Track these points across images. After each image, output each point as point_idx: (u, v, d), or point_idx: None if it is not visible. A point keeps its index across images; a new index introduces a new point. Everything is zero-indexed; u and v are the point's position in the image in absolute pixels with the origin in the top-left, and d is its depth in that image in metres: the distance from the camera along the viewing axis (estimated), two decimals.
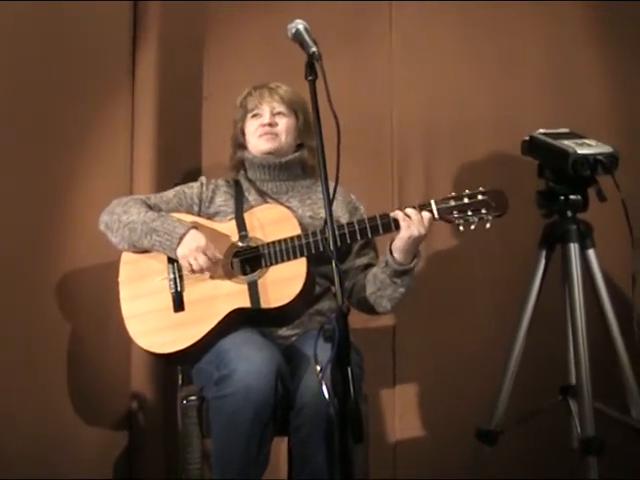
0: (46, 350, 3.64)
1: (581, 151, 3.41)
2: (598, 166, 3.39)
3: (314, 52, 2.80)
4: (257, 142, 3.48)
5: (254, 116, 3.50)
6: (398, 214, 3.21)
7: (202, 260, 3.22)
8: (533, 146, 3.58)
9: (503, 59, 4.21)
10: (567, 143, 3.46)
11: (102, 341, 3.76)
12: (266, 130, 3.46)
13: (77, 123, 3.77)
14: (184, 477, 3.30)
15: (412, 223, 3.19)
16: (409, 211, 3.21)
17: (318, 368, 2.73)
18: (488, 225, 3.25)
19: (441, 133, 4.18)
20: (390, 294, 3.33)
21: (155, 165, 3.88)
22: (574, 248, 3.50)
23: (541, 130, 3.59)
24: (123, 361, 3.81)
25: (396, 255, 3.25)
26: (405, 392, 4.17)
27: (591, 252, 3.52)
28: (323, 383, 2.72)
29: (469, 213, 3.24)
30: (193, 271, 3.25)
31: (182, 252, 3.24)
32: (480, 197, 3.25)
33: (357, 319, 3.31)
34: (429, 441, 4.14)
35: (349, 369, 2.63)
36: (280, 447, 3.31)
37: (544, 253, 3.59)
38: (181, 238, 3.24)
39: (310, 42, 2.83)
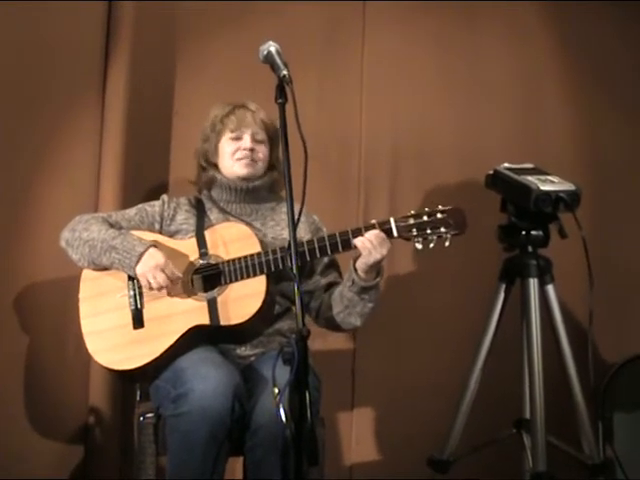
0: (2, 363, 3.64)
1: (544, 187, 3.44)
2: (560, 203, 3.43)
3: (285, 75, 2.82)
4: (233, 164, 3.47)
5: (234, 138, 3.48)
6: (357, 241, 3.22)
7: (160, 278, 3.23)
8: (497, 180, 3.61)
9: (472, 88, 4.26)
10: (530, 179, 3.50)
11: (61, 355, 3.75)
12: (246, 154, 3.45)
13: (44, 134, 3.77)
14: None
15: (372, 249, 3.21)
16: (369, 236, 3.22)
17: (276, 390, 2.74)
18: (447, 243, 3.26)
19: (408, 158, 4.23)
20: (360, 310, 3.35)
21: (122, 180, 3.86)
22: (533, 283, 3.53)
23: (505, 165, 3.62)
24: (81, 375, 3.80)
25: (361, 273, 3.27)
26: (363, 416, 4.19)
27: (550, 287, 3.56)
28: (280, 405, 2.72)
29: (428, 231, 3.26)
30: (152, 289, 3.25)
31: (141, 270, 3.24)
32: (439, 215, 3.27)
33: (317, 342, 3.34)
34: (385, 465, 4.15)
35: (307, 392, 2.64)
36: (235, 466, 3.31)
37: (503, 287, 3.62)
38: (140, 256, 3.24)
39: (281, 65, 2.85)
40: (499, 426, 3.72)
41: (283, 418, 2.73)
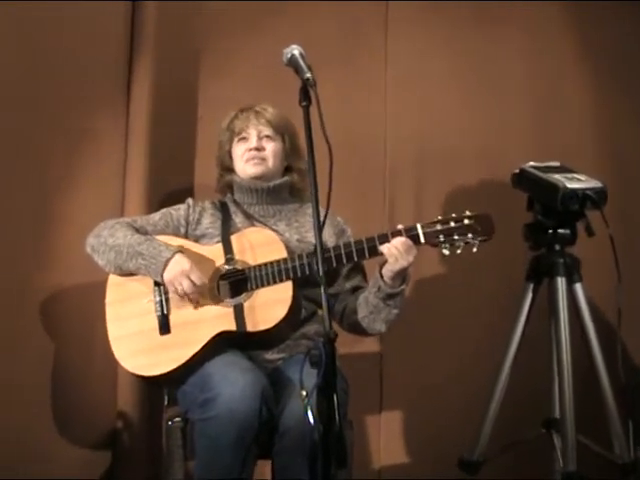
0: (31, 369, 3.64)
1: (570, 185, 3.43)
2: (587, 201, 3.42)
3: (309, 78, 2.81)
4: (244, 166, 3.47)
5: (241, 139, 3.49)
6: (384, 248, 3.22)
7: (186, 285, 3.22)
8: (523, 179, 3.60)
9: (492, 90, 4.27)
10: (557, 177, 3.49)
11: (88, 360, 3.76)
12: (253, 154, 3.46)
13: (70, 141, 3.78)
14: None
15: (399, 256, 3.20)
16: (395, 243, 3.21)
17: (304, 393, 2.73)
18: (475, 249, 3.25)
19: (433, 159, 4.22)
20: (385, 316, 3.33)
21: (148, 185, 3.88)
22: (561, 282, 3.52)
23: (531, 163, 3.61)
24: (109, 380, 3.80)
25: (387, 280, 3.26)
26: (391, 419, 4.19)
27: (578, 286, 3.55)
28: (308, 408, 2.71)
29: (455, 237, 3.25)
30: (179, 295, 3.25)
31: (167, 276, 3.24)
32: (467, 221, 3.26)
33: (344, 345, 3.32)
34: (413, 468, 4.14)
35: (334, 395, 2.62)
36: (264, 470, 3.29)
37: (531, 286, 3.61)
38: (166, 262, 3.24)
39: (305, 68, 2.84)
40: (528, 426, 3.72)
41: (311, 421, 2.71)
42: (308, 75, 2.82)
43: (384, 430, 4.18)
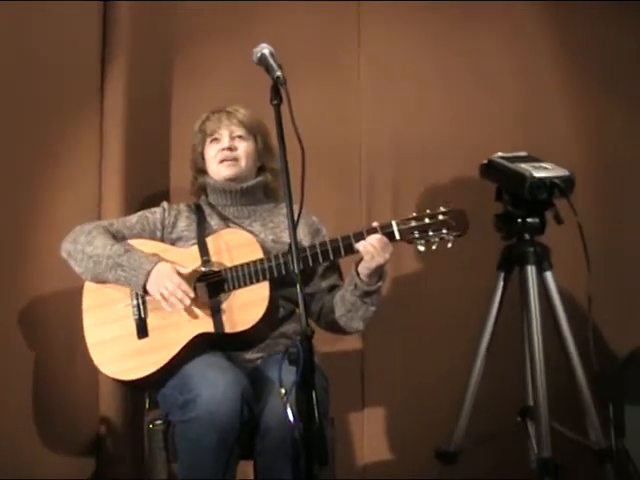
0: (11, 377, 3.63)
1: (537, 174, 3.46)
2: (554, 189, 3.45)
3: (279, 76, 2.83)
4: (217, 168, 3.49)
5: (213, 140, 3.51)
6: (360, 246, 3.24)
7: (170, 286, 3.23)
8: (491, 169, 3.63)
9: (471, 83, 4.28)
10: (524, 167, 3.51)
11: (69, 366, 3.75)
12: (225, 155, 3.47)
13: (44, 143, 3.77)
14: None
15: (375, 253, 3.22)
16: (371, 240, 3.23)
17: (283, 391, 2.76)
18: (449, 245, 3.28)
19: (409, 156, 4.24)
20: (362, 314, 3.35)
21: (124, 189, 3.88)
22: (531, 270, 3.55)
23: (499, 154, 3.64)
24: (91, 386, 3.80)
25: (363, 278, 3.28)
26: (374, 415, 4.21)
27: (548, 274, 3.58)
28: (288, 406, 2.74)
29: (430, 233, 3.28)
30: (165, 299, 3.24)
31: (151, 286, 3.25)
32: (441, 217, 3.29)
33: (325, 344, 3.35)
34: (398, 465, 4.17)
35: (314, 392, 2.65)
36: (246, 470, 3.30)
37: (502, 275, 3.64)
38: (148, 274, 3.25)
39: (275, 66, 2.86)
40: (505, 415, 3.74)
41: (291, 419, 2.74)
42: (278, 73, 2.84)
43: (367, 428, 4.20)
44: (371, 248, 3.23)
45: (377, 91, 4.24)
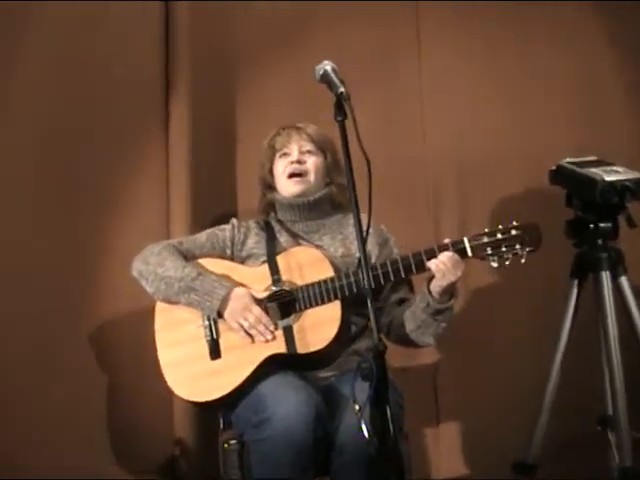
0: (86, 400, 3.68)
1: (608, 178, 3.41)
2: (626, 193, 3.39)
3: (342, 92, 2.81)
4: (286, 183, 3.49)
5: (282, 155, 3.50)
6: (431, 264, 3.21)
7: (252, 319, 3.23)
8: (560, 175, 3.58)
9: (531, 90, 4.24)
10: (594, 171, 3.46)
11: (143, 388, 3.77)
12: (294, 168, 3.47)
13: (111, 175, 3.83)
14: None
15: (447, 271, 3.19)
16: (442, 258, 3.20)
17: (357, 407, 2.74)
18: (523, 260, 3.24)
19: (475, 169, 4.20)
20: (433, 330, 3.32)
21: (191, 211, 3.90)
22: (606, 276, 3.49)
23: (568, 159, 3.59)
24: (165, 408, 3.81)
25: (435, 296, 3.25)
26: (449, 430, 4.16)
27: (623, 279, 3.52)
28: (362, 422, 2.72)
29: (503, 249, 3.24)
30: (245, 331, 3.25)
31: (230, 315, 3.25)
32: (514, 232, 3.25)
33: (397, 359, 3.31)
34: (475, 478, 4.10)
35: (387, 407, 2.63)
36: None
37: (576, 282, 3.58)
38: (224, 300, 3.25)
39: (338, 82, 2.85)
40: (583, 425, 3.68)
41: (366, 434, 2.72)
42: (341, 89, 2.82)
43: (442, 443, 4.16)
44: (442, 266, 3.20)
45: (439, 103, 4.21)
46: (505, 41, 4.24)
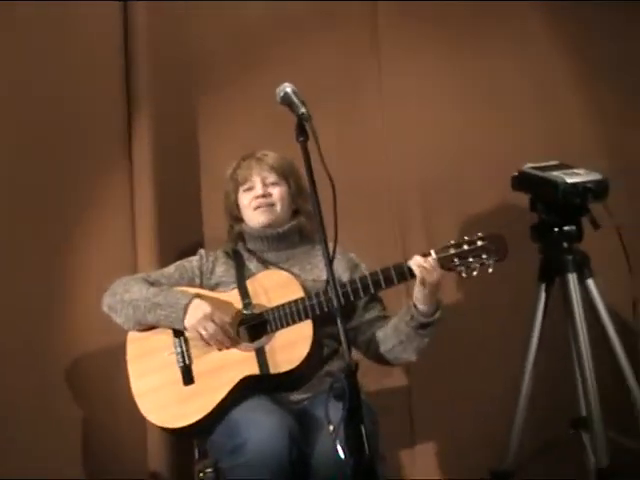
0: (59, 438, 3.65)
1: (570, 180, 3.43)
2: (588, 194, 3.41)
3: (303, 113, 2.82)
4: (253, 215, 3.47)
5: (247, 190, 3.49)
6: (412, 263, 3.22)
7: (211, 327, 3.23)
8: (523, 180, 3.59)
9: (492, 102, 4.23)
10: (555, 174, 3.48)
11: (115, 423, 3.74)
12: (260, 202, 3.45)
13: (75, 202, 3.80)
14: None
15: (426, 270, 3.19)
16: (418, 259, 3.22)
17: (331, 428, 2.73)
18: (490, 270, 3.24)
19: (437, 181, 4.18)
20: (417, 345, 3.32)
21: (158, 239, 3.87)
22: (572, 278, 3.51)
23: (529, 164, 3.60)
24: (139, 441, 3.78)
25: (420, 307, 3.25)
26: (424, 453, 4.13)
27: (590, 281, 3.53)
28: (337, 442, 2.71)
29: (470, 259, 3.24)
30: (204, 340, 3.25)
31: (189, 322, 3.25)
32: (480, 243, 3.25)
33: (370, 382, 3.30)
34: None
35: (362, 426, 2.62)
36: None
37: (543, 287, 3.59)
38: (185, 308, 3.25)
39: (299, 103, 2.85)
40: (557, 429, 3.67)
41: (342, 455, 2.71)
42: (302, 110, 2.83)
43: (419, 465, 4.12)
44: (422, 265, 3.20)
45: (400, 120, 4.19)
46: (466, 59, 4.23)
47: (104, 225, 3.87)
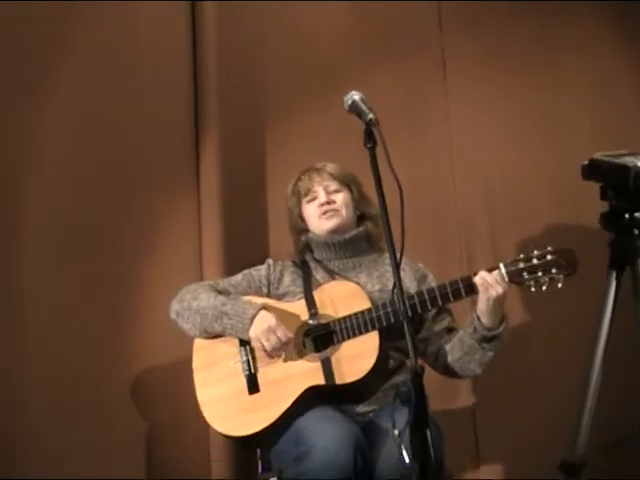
0: (124, 448, 3.65)
1: None
2: None
3: (371, 119, 2.83)
4: (319, 222, 3.48)
5: (310, 201, 3.51)
6: (476, 278, 3.20)
7: (274, 340, 3.23)
8: (593, 168, 3.47)
9: (554, 125, 4.24)
10: (627, 159, 3.37)
11: (179, 439, 3.76)
12: (325, 209, 3.46)
13: (144, 221, 3.84)
14: None
15: (489, 285, 3.18)
16: (482, 274, 3.20)
17: (396, 432, 2.70)
18: (560, 285, 3.20)
19: (503, 195, 4.19)
20: (479, 358, 3.30)
21: (224, 256, 3.89)
22: None
23: (600, 153, 3.55)
24: (202, 453, 3.78)
25: (483, 320, 3.24)
26: (491, 471, 4.07)
27: None
28: (402, 447, 2.68)
29: (539, 274, 3.21)
30: (266, 352, 3.26)
31: (254, 333, 3.25)
32: (549, 257, 3.22)
33: (436, 402, 3.25)
34: None
35: (428, 430, 2.59)
36: None
37: (614, 275, 3.41)
38: (252, 319, 3.26)
39: (366, 110, 2.86)
40: (629, 422, 3.61)
41: (406, 459, 2.67)
42: (371, 116, 2.84)
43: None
44: (484, 280, 3.18)
45: (466, 132, 4.23)
46: (529, 78, 4.26)
47: (172, 238, 3.91)
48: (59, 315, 3.62)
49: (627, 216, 3.43)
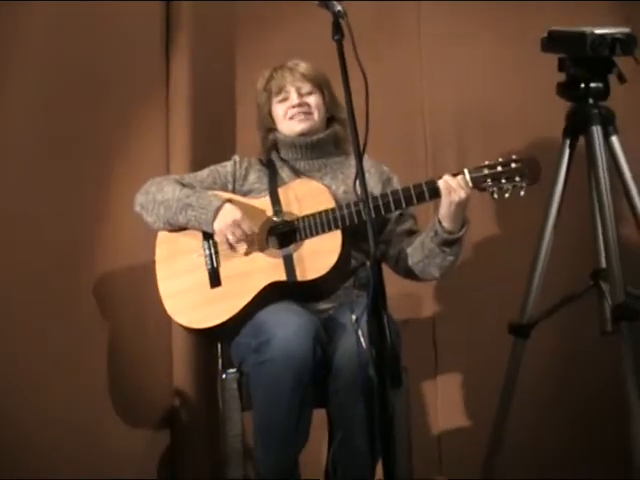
0: (86, 351, 3.62)
1: (598, 31, 3.35)
2: (616, 45, 3.34)
3: (339, 10, 2.82)
4: (289, 124, 3.47)
5: (281, 100, 3.49)
6: (439, 182, 3.22)
7: (238, 233, 3.25)
8: (552, 39, 3.48)
9: (529, 38, 4.03)
10: (584, 28, 3.40)
11: (142, 339, 3.76)
12: (297, 111, 3.45)
13: (112, 125, 3.78)
14: (224, 448, 3.29)
15: (452, 189, 3.20)
16: (446, 178, 3.22)
17: (354, 317, 2.74)
18: (522, 193, 3.24)
19: (471, 108, 4.17)
20: (439, 262, 3.31)
21: (190, 165, 3.84)
22: (597, 131, 3.42)
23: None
24: (164, 358, 3.80)
25: (445, 224, 3.25)
26: (448, 383, 4.12)
27: (614, 139, 3.45)
28: (359, 332, 2.73)
29: (503, 181, 3.24)
30: (230, 245, 3.28)
31: (218, 226, 3.26)
32: (513, 165, 3.25)
33: (395, 311, 3.29)
34: (474, 432, 4.04)
35: (384, 314, 2.64)
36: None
37: (568, 142, 3.51)
38: (217, 212, 3.27)
39: (335, 1, 2.85)
40: (577, 284, 3.62)
41: (363, 344, 2.72)
42: (339, 7, 2.83)
43: (441, 396, 4.12)
44: (448, 184, 3.21)
45: (438, 62, 4.21)
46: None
47: (138, 146, 3.86)
48: (28, 214, 3.55)
49: (582, 85, 3.48)
